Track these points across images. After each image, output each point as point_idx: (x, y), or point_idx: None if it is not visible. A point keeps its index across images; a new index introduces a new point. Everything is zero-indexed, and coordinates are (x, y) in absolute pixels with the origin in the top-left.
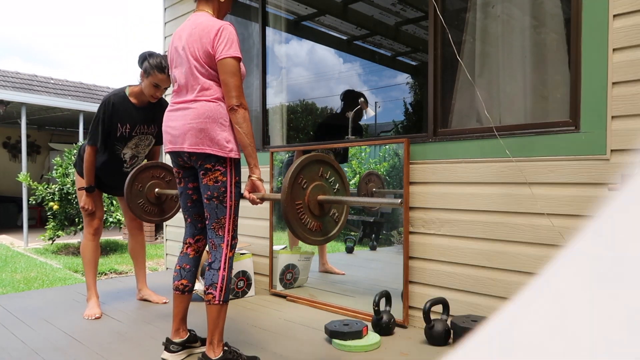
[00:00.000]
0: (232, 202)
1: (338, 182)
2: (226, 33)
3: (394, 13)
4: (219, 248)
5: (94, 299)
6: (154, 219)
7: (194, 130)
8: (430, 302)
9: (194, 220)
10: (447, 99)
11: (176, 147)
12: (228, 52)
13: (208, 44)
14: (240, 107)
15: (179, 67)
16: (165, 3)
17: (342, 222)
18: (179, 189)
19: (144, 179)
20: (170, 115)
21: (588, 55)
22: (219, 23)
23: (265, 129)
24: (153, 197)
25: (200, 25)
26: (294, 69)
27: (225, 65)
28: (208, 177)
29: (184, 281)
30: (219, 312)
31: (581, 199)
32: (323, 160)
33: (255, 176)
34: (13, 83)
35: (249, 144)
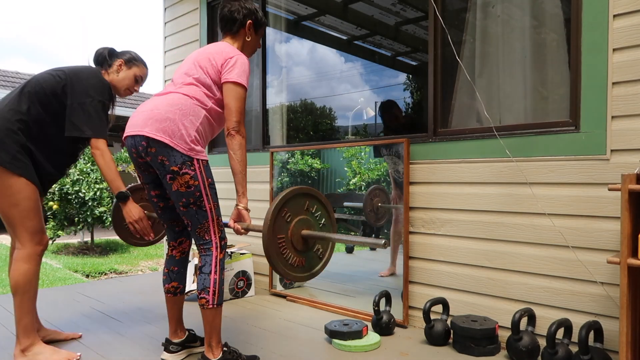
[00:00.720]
0: (210, 205)
1: (324, 217)
2: (241, 61)
3: (394, 13)
4: (209, 252)
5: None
6: (143, 242)
7: (159, 116)
8: (430, 302)
9: (170, 225)
10: (447, 99)
11: (133, 130)
12: (238, 78)
13: (219, 60)
14: (238, 133)
15: (180, 68)
16: (165, 3)
17: (327, 259)
18: (147, 196)
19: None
20: (143, 103)
21: (588, 55)
22: (236, 51)
23: (265, 129)
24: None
25: (219, 46)
26: (294, 68)
27: (232, 90)
28: (177, 182)
29: (174, 283)
30: (214, 315)
31: (581, 199)
32: (310, 194)
33: (242, 205)
34: (13, 83)
35: (241, 172)
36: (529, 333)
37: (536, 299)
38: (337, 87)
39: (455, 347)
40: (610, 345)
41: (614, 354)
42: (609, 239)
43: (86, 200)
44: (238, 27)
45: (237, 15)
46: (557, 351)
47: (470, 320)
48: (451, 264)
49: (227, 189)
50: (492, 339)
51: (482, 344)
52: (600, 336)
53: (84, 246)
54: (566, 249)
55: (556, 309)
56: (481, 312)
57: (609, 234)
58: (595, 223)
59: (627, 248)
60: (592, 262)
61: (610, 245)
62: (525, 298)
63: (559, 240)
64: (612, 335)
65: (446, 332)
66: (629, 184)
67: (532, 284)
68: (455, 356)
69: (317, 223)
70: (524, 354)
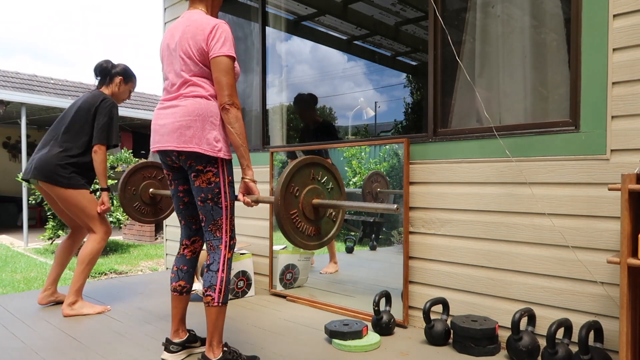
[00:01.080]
0: (227, 203)
1: (331, 181)
2: (221, 31)
3: (394, 13)
4: (217, 250)
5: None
6: (152, 219)
7: (182, 128)
8: (430, 302)
9: (188, 222)
10: (447, 99)
11: (163, 145)
12: (222, 50)
13: (202, 41)
14: (232, 106)
15: (170, 64)
16: (165, 3)
17: (341, 220)
18: (171, 191)
19: (136, 181)
20: (160, 113)
21: (588, 55)
22: (214, 21)
23: (265, 129)
24: (148, 198)
25: (194, 22)
26: (294, 68)
27: (218, 64)
28: (200, 179)
29: (182, 282)
30: (218, 314)
31: (581, 199)
32: (313, 163)
33: (248, 178)
34: (13, 83)
35: (241, 144)
36: (529, 333)
37: (536, 298)
38: (337, 87)
39: (455, 347)
40: (610, 345)
41: (614, 353)
42: (609, 239)
43: None
44: None
45: None
46: (557, 351)
47: (470, 320)
48: (451, 264)
49: None
50: (492, 339)
51: (482, 344)
52: (600, 336)
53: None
54: (566, 249)
55: (556, 308)
56: (481, 312)
57: (609, 234)
58: (595, 223)
59: (627, 248)
60: (592, 262)
61: (610, 245)
62: (525, 298)
63: (559, 240)
64: (612, 335)
65: (446, 332)
66: (628, 183)
67: (532, 284)
68: (455, 356)
69: (325, 189)
70: (524, 354)
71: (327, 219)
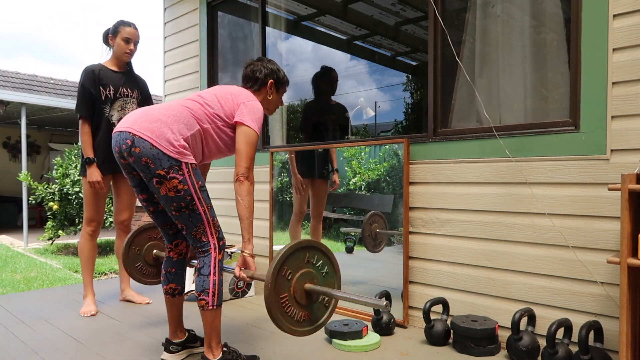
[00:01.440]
0: (204, 207)
1: (327, 265)
2: (259, 109)
3: (393, 13)
4: (207, 253)
5: (90, 297)
6: (154, 281)
7: (150, 117)
8: (430, 302)
9: (164, 229)
10: (447, 99)
11: (121, 126)
12: (251, 123)
13: (239, 99)
14: (247, 179)
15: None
16: (165, 3)
17: (333, 307)
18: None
19: (141, 242)
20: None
21: (588, 55)
22: (257, 99)
23: (265, 129)
24: (151, 259)
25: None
26: (293, 68)
27: (246, 135)
28: (165, 186)
29: (172, 285)
30: (213, 316)
31: (581, 199)
32: (309, 246)
33: (247, 252)
34: (13, 83)
35: (247, 218)
36: (529, 333)
37: (536, 298)
38: (337, 87)
39: (455, 347)
40: (610, 345)
41: (614, 353)
42: (609, 239)
43: None
44: (260, 86)
45: (259, 75)
46: (557, 351)
47: (470, 320)
48: (451, 264)
49: (226, 189)
50: (492, 338)
51: (482, 344)
52: (600, 336)
53: None
54: (566, 249)
55: (556, 308)
56: (481, 312)
57: (609, 233)
58: (595, 223)
59: (627, 248)
60: (592, 262)
61: (610, 245)
62: (525, 298)
63: (559, 240)
64: (612, 335)
65: (446, 332)
66: (628, 183)
67: (532, 284)
68: (455, 356)
69: (319, 273)
70: (524, 354)
71: (319, 304)
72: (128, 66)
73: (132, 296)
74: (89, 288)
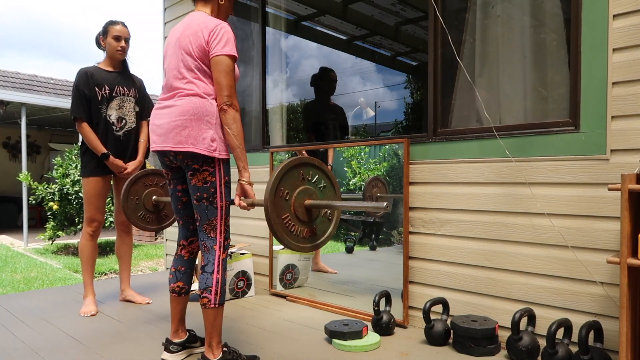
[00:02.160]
0: (222, 203)
1: (323, 179)
2: (224, 31)
3: (393, 13)
4: (212, 250)
5: (90, 297)
6: (157, 227)
7: (178, 128)
8: (430, 302)
9: (186, 222)
10: (447, 99)
11: (161, 146)
12: (223, 49)
13: (203, 39)
14: (230, 107)
15: (170, 61)
16: (165, 3)
17: (337, 218)
18: (169, 191)
19: (138, 190)
20: (157, 113)
21: (588, 55)
22: (216, 21)
23: (265, 129)
24: (151, 206)
25: (196, 21)
26: (294, 68)
27: (219, 64)
28: (196, 177)
29: (180, 283)
30: (215, 315)
31: (581, 199)
32: (301, 163)
33: (244, 180)
34: (13, 83)
35: (238, 146)
36: (529, 333)
37: (536, 299)
38: (337, 87)
39: (455, 347)
40: (610, 345)
41: (614, 354)
42: (609, 239)
43: None
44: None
45: None
46: (557, 351)
47: (470, 320)
48: (451, 264)
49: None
50: (492, 339)
51: (482, 344)
52: (600, 336)
53: None
54: (566, 249)
55: (556, 309)
56: (481, 312)
57: (609, 234)
58: (595, 223)
59: (627, 248)
60: (592, 262)
61: (610, 245)
62: (525, 298)
63: (558, 240)
64: (612, 335)
65: (446, 332)
66: (628, 183)
67: (532, 284)
68: (455, 356)
69: (317, 188)
70: (524, 354)
71: (322, 219)
72: (123, 65)
73: (132, 296)
74: (89, 288)
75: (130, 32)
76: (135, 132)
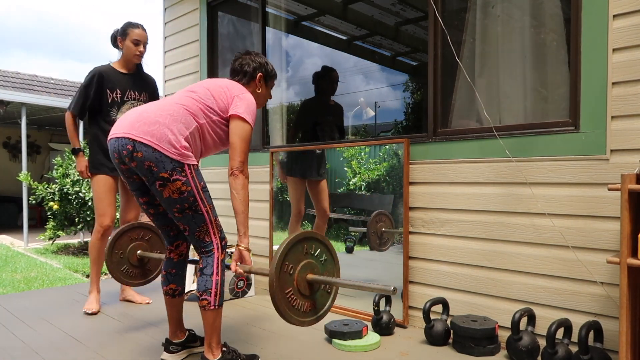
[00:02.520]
0: (206, 207)
1: (324, 253)
2: (252, 102)
3: (393, 13)
4: (210, 253)
5: (94, 294)
6: (141, 281)
7: (147, 119)
8: (430, 302)
9: (165, 230)
10: (447, 99)
11: (118, 132)
12: (247, 115)
13: (232, 92)
14: (242, 173)
15: (191, 86)
16: (165, 3)
17: (335, 292)
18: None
19: (123, 244)
20: (132, 109)
21: (588, 55)
22: (247, 91)
23: (265, 129)
24: (135, 260)
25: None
26: (294, 68)
27: (238, 127)
28: (168, 189)
29: (172, 285)
30: (215, 316)
31: (581, 199)
32: (306, 237)
33: (243, 246)
34: (13, 83)
35: (243, 211)
36: (529, 333)
37: (536, 299)
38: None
39: (455, 347)
40: (610, 345)
41: (614, 353)
42: (609, 239)
43: (86, 200)
44: (249, 79)
45: (247, 68)
46: (557, 351)
47: (470, 320)
48: (451, 264)
49: (225, 189)
50: (492, 338)
51: (482, 344)
52: (600, 336)
53: (84, 246)
54: (566, 249)
55: (556, 309)
56: (481, 312)
57: (609, 234)
58: (595, 223)
59: (627, 248)
60: (592, 262)
61: (610, 245)
62: (525, 298)
63: (559, 240)
64: (612, 335)
65: (446, 332)
66: (628, 183)
67: (532, 284)
68: (455, 356)
69: (318, 262)
70: (524, 354)
71: (321, 292)
72: (137, 67)
73: (132, 296)
74: (94, 285)
75: (148, 36)
76: None
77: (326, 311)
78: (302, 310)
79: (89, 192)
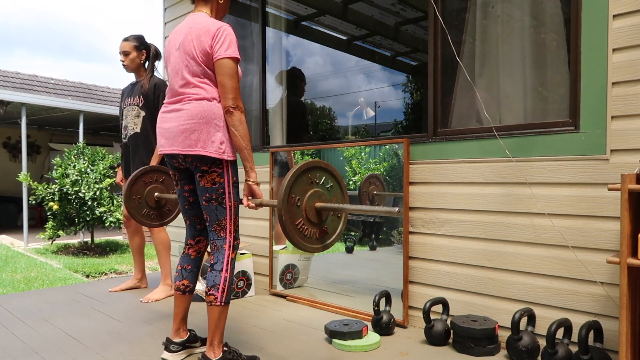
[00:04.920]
0: (231, 203)
1: (330, 180)
2: (225, 33)
3: (393, 13)
4: (221, 249)
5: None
6: (161, 223)
7: (187, 132)
8: (430, 302)
9: (193, 222)
10: (447, 99)
11: (170, 149)
12: (226, 52)
13: (206, 43)
14: (236, 109)
15: (174, 64)
16: (165, 3)
17: (345, 216)
18: (177, 191)
19: (139, 189)
20: (164, 116)
21: (588, 55)
22: (218, 23)
23: (265, 129)
24: (154, 203)
25: (199, 24)
26: (293, 68)
27: (223, 66)
28: (205, 179)
29: (185, 281)
30: (220, 313)
31: (581, 199)
32: (309, 167)
33: (251, 180)
34: (13, 83)
35: (245, 147)
36: (529, 333)
37: (536, 298)
38: (337, 87)
39: (455, 347)
40: (610, 345)
41: (614, 353)
42: (609, 239)
43: (86, 200)
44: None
45: None
46: (557, 351)
47: (470, 320)
48: (451, 264)
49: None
50: (492, 338)
51: (482, 343)
52: (600, 336)
53: (84, 246)
54: (566, 249)
55: (556, 308)
56: (481, 312)
57: (609, 234)
58: (595, 223)
59: (627, 248)
60: (592, 262)
61: (610, 245)
62: (525, 298)
63: (558, 240)
64: (612, 335)
65: (446, 332)
66: (628, 183)
67: (532, 284)
68: (455, 356)
69: (324, 189)
70: (524, 354)
71: (332, 217)
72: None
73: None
74: (135, 271)
75: (131, 44)
76: (141, 136)
77: (338, 236)
78: (314, 237)
79: (89, 192)
